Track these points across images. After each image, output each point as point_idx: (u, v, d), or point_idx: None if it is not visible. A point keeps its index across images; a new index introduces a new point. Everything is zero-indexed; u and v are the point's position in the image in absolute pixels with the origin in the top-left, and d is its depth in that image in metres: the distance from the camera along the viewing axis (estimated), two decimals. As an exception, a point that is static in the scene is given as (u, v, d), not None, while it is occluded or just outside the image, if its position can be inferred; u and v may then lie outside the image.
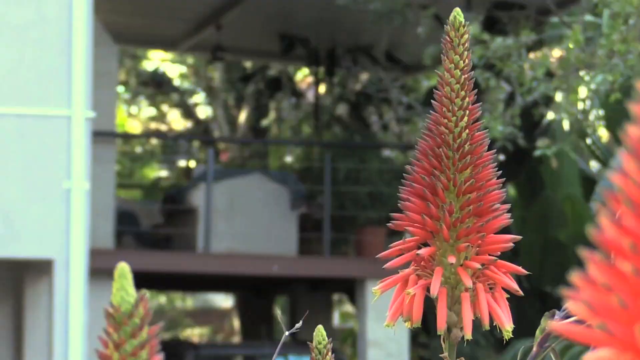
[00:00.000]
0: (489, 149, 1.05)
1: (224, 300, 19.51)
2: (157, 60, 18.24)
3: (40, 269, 9.99)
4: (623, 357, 0.36)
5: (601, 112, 11.48)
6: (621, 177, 0.36)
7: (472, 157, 0.97)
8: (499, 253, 1.00)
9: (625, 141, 0.37)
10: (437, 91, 1.06)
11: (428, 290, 0.98)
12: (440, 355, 1.01)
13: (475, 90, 1.06)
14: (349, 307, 15.36)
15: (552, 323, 1.00)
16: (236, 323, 17.60)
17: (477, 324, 0.99)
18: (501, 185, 1.01)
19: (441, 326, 0.98)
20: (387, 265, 1.01)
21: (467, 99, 0.99)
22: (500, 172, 1.01)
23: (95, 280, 9.36)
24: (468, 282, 0.96)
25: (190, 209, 11.56)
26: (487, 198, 0.98)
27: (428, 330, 11.16)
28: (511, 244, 1.01)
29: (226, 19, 11.97)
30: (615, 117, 10.80)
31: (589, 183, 11.43)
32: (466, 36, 1.01)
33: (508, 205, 1.00)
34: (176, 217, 12.11)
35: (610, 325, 0.35)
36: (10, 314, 11.02)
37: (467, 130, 0.98)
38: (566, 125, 11.43)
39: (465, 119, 1.02)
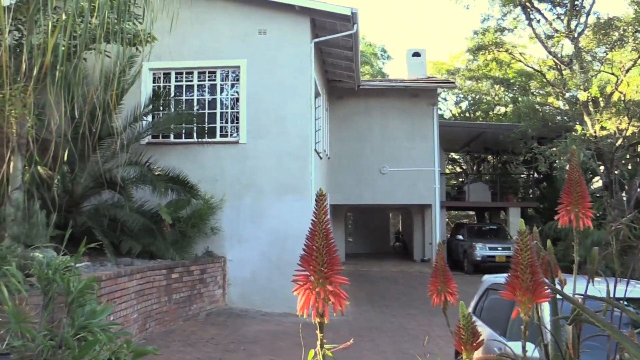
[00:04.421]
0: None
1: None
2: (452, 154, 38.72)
3: (428, 206, 24.13)
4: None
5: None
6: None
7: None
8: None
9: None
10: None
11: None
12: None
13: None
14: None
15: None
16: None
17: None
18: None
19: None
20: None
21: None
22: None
23: (442, 210, 24.44)
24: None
25: (463, 191, 30.34)
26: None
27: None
28: None
29: (472, 143, 31.03)
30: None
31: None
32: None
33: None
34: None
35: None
36: (421, 221, 25.86)
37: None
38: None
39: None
